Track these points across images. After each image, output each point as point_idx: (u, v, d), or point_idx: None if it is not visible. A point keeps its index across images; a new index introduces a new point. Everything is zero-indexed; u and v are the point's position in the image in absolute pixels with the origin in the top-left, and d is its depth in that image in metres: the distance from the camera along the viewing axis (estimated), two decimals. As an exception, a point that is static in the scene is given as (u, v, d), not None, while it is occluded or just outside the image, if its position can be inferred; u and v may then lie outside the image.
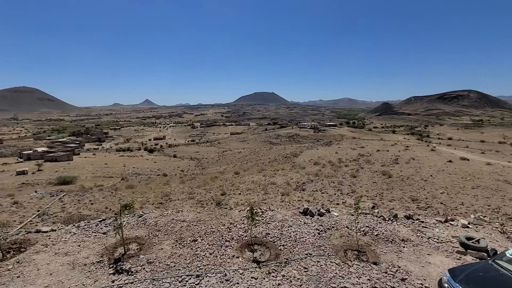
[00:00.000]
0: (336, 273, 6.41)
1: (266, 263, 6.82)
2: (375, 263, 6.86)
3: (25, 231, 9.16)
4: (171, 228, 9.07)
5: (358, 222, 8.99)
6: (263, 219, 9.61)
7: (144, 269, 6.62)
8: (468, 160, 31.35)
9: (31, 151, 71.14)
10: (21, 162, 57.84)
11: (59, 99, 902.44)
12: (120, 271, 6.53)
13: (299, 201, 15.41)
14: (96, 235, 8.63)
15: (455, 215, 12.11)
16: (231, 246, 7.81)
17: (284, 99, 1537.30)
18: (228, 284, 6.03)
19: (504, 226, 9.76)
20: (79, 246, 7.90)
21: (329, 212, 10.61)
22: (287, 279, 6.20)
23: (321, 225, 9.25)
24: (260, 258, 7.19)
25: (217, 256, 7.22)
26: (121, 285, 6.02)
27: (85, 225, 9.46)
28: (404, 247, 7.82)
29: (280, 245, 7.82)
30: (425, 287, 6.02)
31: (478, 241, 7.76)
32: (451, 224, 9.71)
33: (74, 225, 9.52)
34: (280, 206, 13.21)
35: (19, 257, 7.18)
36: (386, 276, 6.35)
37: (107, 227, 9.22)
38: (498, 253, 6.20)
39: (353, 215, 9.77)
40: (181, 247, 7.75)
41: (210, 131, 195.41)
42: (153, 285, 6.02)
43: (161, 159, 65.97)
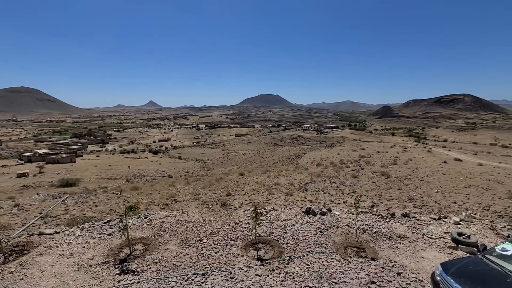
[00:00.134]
0: (336, 269, 6.59)
1: (270, 261, 6.94)
2: (373, 259, 7.07)
3: (28, 234, 9.02)
4: (176, 228, 9.09)
5: (358, 220, 9.18)
6: (267, 219, 9.70)
7: (150, 268, 6.62)
8: (461, 161, 31.97)
9: (32, 153, 68.88)
10: (22, 164, 56.31)
11: (60, 100, 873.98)
12: (126, 271, 6.51)
13: (302, 201, 15.50)
14: (101, 237, 8.54)
15: (448, 213, 12.42)
16: (236, 245, 7.88)
17: (288, 102, 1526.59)
18: (233, 281, 6.12)
19: (493, 223, 10.12)
20: (84, 247, 7.81)
21: (331, 211, 10.78)
22: (290, 275, 6.34)
23: (323, 224, 9.39)
24: (264, 256, 7.30)
25: (222, 255, 7.29)
26: (127, 285, 6.02)
27: (89, 227, 9.34)
28: (400, 243, 8.05)
29: (283, 243, 7.94)
30: (419, 280, 6.25)
31: (469, 237, 8.01)
32: (444, 221, 10.01)
33: (78, 227, 9.37)
34: (283, 206, 13.29)
35: (22, 260, 7.07)
36: (383, 270, 6.57)
37: (112, 228, 9.14)
38: (487, 248, 6.36)
39: (353, 214, 9.96)
40: (186, 247, 7.77)
41: (215, 133, 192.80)
42: (159, 284, 6.04)
43: (166, 161, 64.97)
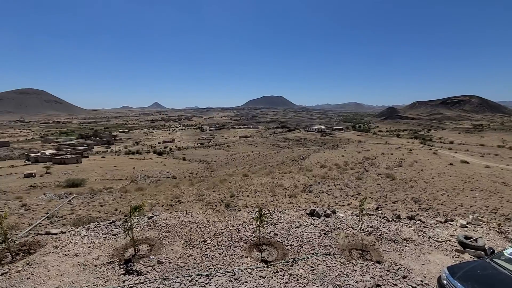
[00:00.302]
0: (341, 272, 6.55)
1: (274, 263, 6.93)
2: (378, 262, 7.01)
3: (34, 233, 9.17)
4: (181, 229, 9.14)
5: (362, 222, 9.12)
6: (271, 220, 9.71)
7: (154, 269, 6.67)
8: (468, 163, 31.53)
9: (39, 154, 69.48)
10: (29, 164, 57.04)
11: (66, 102, 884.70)
12: (130, 271, 6.56)
13: (306, 202, 15.41)
14: (106, 237, 8.64)
15: (454, 216, 12.26)
16: (239, 246, 7.90)
17: (292, 103, 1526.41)
18: (237, 283, 6.12)
19: (501, 226, 9.93)
20: (89, 247, 7.92)
21: (335, 213, 10.75)
22: (294, 277, 6.33)
23: (327, 226, 9.36)
24: (268, 257, 7.30)
25: (226, 256, 7.30)
26: (132, 285, 6.06)
27: (95, 227, 9.46)
28: (406, 246, 7.97)
29: (287, 245, 7.93)
30: (425, 284, 6.17)
31: (476, 240, 7.89)
32: (450, 224, 9.89)
33: (84, 227, 9.51)
34: (287, 207, 13.25)
35: (28, 259, 7.18)
36: (388, 274, 6.51)
37: (117, 228, 9.23)
38: (495, 252, 6.29)
39: (358, 216, 9.95)
40: (190, 247, 7.81)
41: (219, 134, 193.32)
42: (163, 284, 6.07)
43: (171, 162, 65.21)
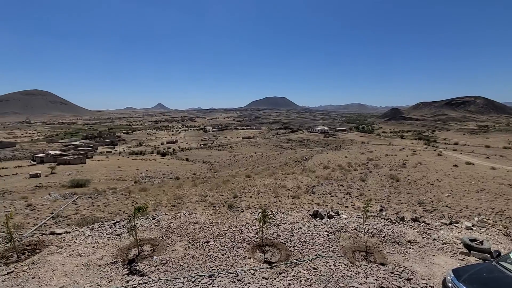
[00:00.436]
0: (344, 273, 6.53)
1: (277, 264, 6.93)
2: (382, 264, 6.98)
3: (40, 233, 9.25)
4: (184, 230, 9.17)
5: (366, 224, 9.08)
6: (274, 222, 9.70)
7: (157, 269, 6.70)
8: (473, 164, 31.17)
9: (44, 154, 69.76)
10: (34, 165, 57.64)
11: (71, 103, 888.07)
12: (134, 271, 6.60)
13: (309, 204, 15.30)
14: (110, 237, 8.70)
15: (459, 218, 12.15)
16: (242, 247, 7.90)
17: (295, 104, 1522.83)
18: (240, 284, 6.12)
19: (507, 228, 9.83)
20: (94, 247, 7.98)
21: (338, 214, 10.73)
22: (297, 279, 6.32)
23: (330, 227, 9.35)
24: (271, 259, 7.29)
25: (229, 257, 7.31)
26: (135, 286, 6.10)
27: (99, 227, 9.54)
28: (410, 248, 7.92)
29: (290, 247, 7.93)
30: (430, 286, 6.12)
31: (481, 242, 7.81)
32: (455, 226, 9.80)
33: (88, 227, 9.59)
34: (290, 208, 13.25)
35: (34, 258, 7.26)
36: (392, 276, 6.47)
37: (121, 229, 9.29)
38: (501, 254, 6.26)
39: (361, 218, 9.86)
40: (194, 248, 7.83)
41: (222, 135, 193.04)
42: (166, 285, 6.09)
43: (174, 163, 65.42)
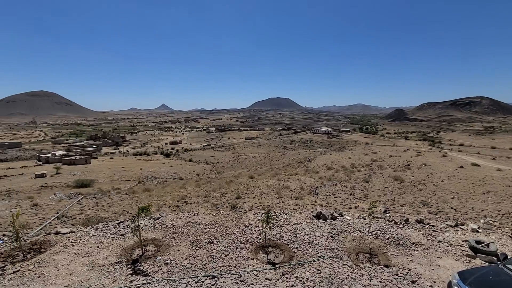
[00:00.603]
0: (348, 275, 6.51)
1: (280, 265, 6.93)
2: (386, 266, 6.93)
3: (45, 233, 9.37)
4: (187, 230, 9.22)
5: (370, 226, 9.05)
6: (277, 223, 9.68)
7: (161, 270, 6.75)
8: (478, 166, 30.82)
9: (49, 155, 70.17)
10: (40, 165, 58.21)
11: (76, 104, 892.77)
12: (138, 271, 6.66)
13: (312, 205, 15.24)
14: (114, 237, 8.77)
15: (465, 220, 12.00)
16: (246, 248, 7.91)
17: (298, 105, 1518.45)
18: (243, 285, 6.14)
19: (514, 231, 9.71)
20: (98, 247, 8.06)
21: (342, 216, 10.68)
22: (301, 280, 6.31)
23: (334, 229, 9.32)
24: (274, 260, 7.29)
25: (232, 257, 7.33)
26: (139, 285, 6.15)
27: (103, 227, 9.62)
28: (414, 250, 7.87)
29: (293, 248, 7.92)
30: (435, 289, 6.06)
31: (487, 245, 7.71)
32: (461, 228, 9.71)
33: (92, 227, 9.68)
34: (293, 209, 13.23)
35: (39, 258, 7.36)
36: (396, 278, 6.43)
37: (125, 229, 9.36)
38: (508, 257, 6.16)
39: (365, 219, 9.81)
40: (197, 249, 7.86)
41: (225, 135, 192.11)
42: (170, 285, 6.13)
43: (177, 163, 65.46)
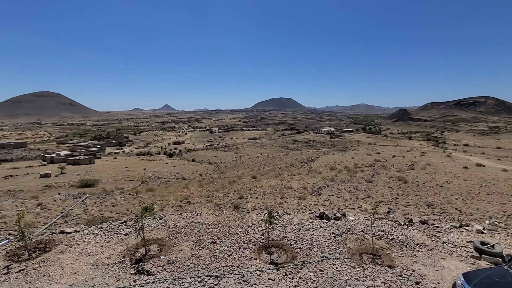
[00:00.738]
0: (351, 276, 6.48)
1: (283, 265, 6.92)
2: (390, 267, 6.89)
3: (50, 232, 9.44)
4: (190, 230, 9.23)
5: (373, 226, 9.00)
6: (280, 223, 9.68)
7: (164, 269, 6.77)
8: (483, 166, 30.51)
9: (54, 155, 70.64)
10: (45, 165, 58.83)
11: (81, 104, 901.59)
12: (141, 271, 6.68)
13: (315, 205, 15.27)
14: (118, 236, 8.81)
15: (470, 221, 11.91)
16: (248, 248, 7.91)
17: (301, 105, 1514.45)
18: (246, 285, 6.13)
19: (520, 232, 9.59)
20: (102, 246, 8.10)
21: (345, 216, 10.65)
22: (304, 280, 6.29)
23: (337, 229, 9.28)
24: (277, 260, 7.28)
25: (235, 257, 7.33)
26: (143, 285, 6.17)
27: (107, 227, 9.67)
28: (418, 251, 7.81)
29: (296, 248, 7.90)
30: (439, 290, 6.01)
31: (493, 246, 7.61)
32: (465, 229, 9.62)
33: (96, 227, 9.73)
34: (296, 210, 13.24)
35: (44, 257, 7.41)
36: (400, 279, 6.38)
37: (128, 228, 9.40)
38: None
39: (368, 220, 9.76)
40: (200, 248, 7.87)
41: (228, 136, 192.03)
42: (173, 285, 6.14)
43: (180, 163, 65.79)
